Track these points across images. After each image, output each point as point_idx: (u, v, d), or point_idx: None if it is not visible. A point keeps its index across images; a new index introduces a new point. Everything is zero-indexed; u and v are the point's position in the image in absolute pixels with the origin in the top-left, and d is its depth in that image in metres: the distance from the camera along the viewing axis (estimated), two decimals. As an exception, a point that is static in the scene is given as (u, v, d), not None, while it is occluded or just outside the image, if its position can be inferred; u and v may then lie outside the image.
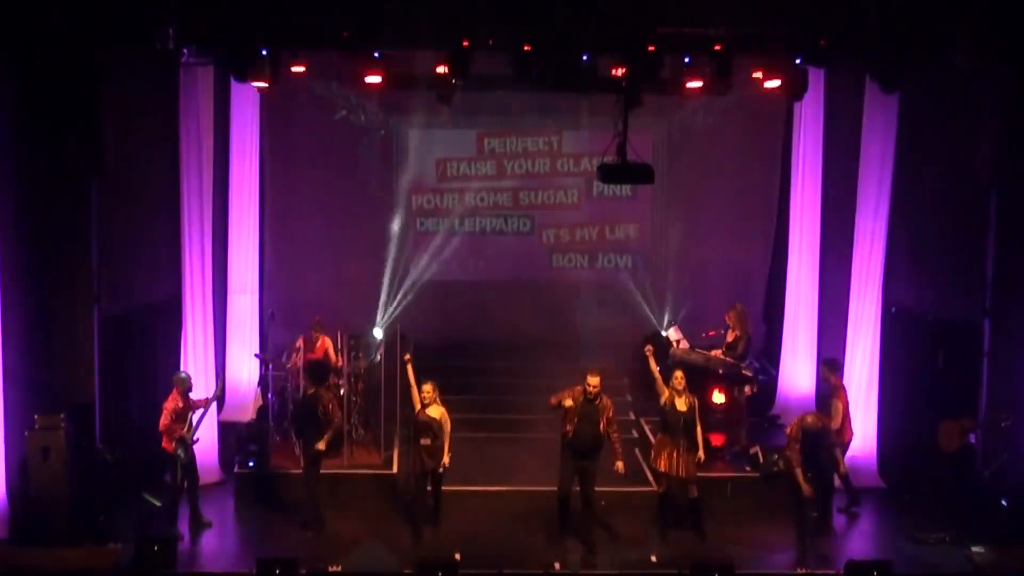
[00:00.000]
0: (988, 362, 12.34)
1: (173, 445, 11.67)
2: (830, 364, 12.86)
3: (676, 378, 11.78)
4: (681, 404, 11.70)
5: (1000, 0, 11.24)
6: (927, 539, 11.80)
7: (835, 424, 12.17)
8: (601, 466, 11.48)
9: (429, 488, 11.84)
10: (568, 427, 11.33)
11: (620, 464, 11.39)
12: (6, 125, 11.25)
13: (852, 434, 12.61)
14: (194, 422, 11.85)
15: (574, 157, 16.34)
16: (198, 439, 11.91)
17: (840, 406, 12.40)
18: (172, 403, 11.75)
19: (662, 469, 11.75)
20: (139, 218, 12.93)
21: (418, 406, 11.64)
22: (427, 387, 11.62)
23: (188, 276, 12.86)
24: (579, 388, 11.38)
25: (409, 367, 11.77)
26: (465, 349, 15.32)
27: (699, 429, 11.81)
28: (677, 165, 16.10)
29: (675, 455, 11.67)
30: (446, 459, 11.64)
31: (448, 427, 11.66)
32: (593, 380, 11.31)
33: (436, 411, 11.64)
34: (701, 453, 11.83)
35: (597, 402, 11.39)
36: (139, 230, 12.95)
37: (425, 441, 11.59)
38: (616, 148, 11.28)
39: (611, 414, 11.45)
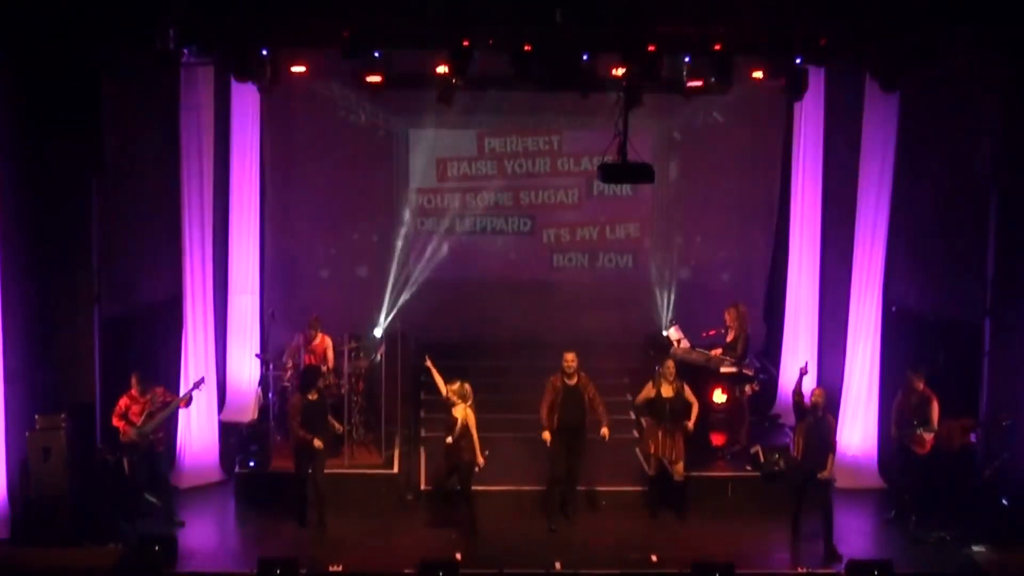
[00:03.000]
0: (988, 362, 12.33)
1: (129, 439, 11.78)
2: (920, 370, 12.30)
3: (667, 366, 12.14)
4: (667, 391, 12.04)
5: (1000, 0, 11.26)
6: (927, 539, 11.81)
7: (935, 430, 12.03)
8: (600, 465, 11.57)
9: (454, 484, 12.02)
10: (554, 416, 11.81)
11: (605, 431, 11.86)
12: (7, 124, 11.25)
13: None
14: (149, 419, 11.81)
15: (574, 157, 16.33)
16: (155, 438, 11.87)
17: (937, 412, 12.09)
18: (124, 398, 11.79)
19: (651, 451, 12.16)
20: (139, 218, 12.93)
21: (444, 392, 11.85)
22: (451, 387, 11.78)
23: (188, 276, 12.86)
24: (556, 377, 11.85)
25: (430, 366, 12.11)
26: (465, 349, 15.28)
27: (694, 407, 12.18)
28: (677, 165, 16.10)
29: (661, 437, 12.05)
30: (480, 459, 11.77)
31: (466, 424, 11.72)
32: (568, 356, 11.82)
33: (458, 411, 11.73)
34: (691, 423, 12.14)
35: (576, 381, 11.77)
36: (139, 230, 12.96)
37: (447, 439, 11.74)
38: (616, 148, 11.28)
39: (592, 389, 11.84)
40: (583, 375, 11.97)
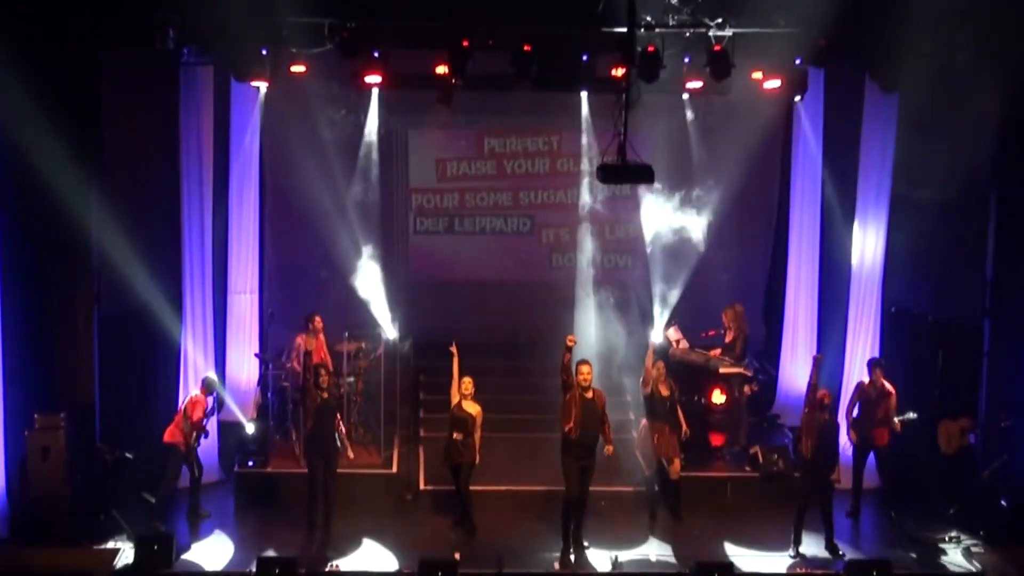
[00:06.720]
0: (988, 362, 12.34)
1: (183, 439, 11.94)
2: (881, 364, 12.55)
3: (658, 367, 12.13)
4: (664, 389, 12.08)
5: None
6: (927, 539, 11.81)
7: (896, 426, 12.26)
8: (599, 465, 11.54)
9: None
10: (571, 424, 11.16)
11: (610, 448, 11.48)
12: (6, 124, 11.24)
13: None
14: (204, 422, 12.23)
15: (574, 157, 16.32)
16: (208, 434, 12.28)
17: (895, 405, 12.32)
18: (192, 399, 12.08)
19: (650, 449, 12.12)
20: (139, 218, 12.92)
21: (456, 399, 11.70)
22: (468, 380, 11.69)
23: (188, 276, 12.87)
24: (573, 392, 11.41)
25: (455, 359, 11.83)
26: (465, 349, 15.21)
27: (680, 411, 12.21)
28: (677, 165, 16.08)
29: (660, 437, 12.05)
30: (477, 457, 11.71)
31: (480, 423, 11.70)
32: (584, 368, 11.31)
33: (473, 407, 11.68)
34: (686, 428, 12.19)
35: (591, 394, 11.43)
36: (139, 230, 12.94)
37: (458, 436, 11.63)
38: (616, 148, 11.27)
39: (604, 404, 11.55)
40: (597, 389, 11.52)
